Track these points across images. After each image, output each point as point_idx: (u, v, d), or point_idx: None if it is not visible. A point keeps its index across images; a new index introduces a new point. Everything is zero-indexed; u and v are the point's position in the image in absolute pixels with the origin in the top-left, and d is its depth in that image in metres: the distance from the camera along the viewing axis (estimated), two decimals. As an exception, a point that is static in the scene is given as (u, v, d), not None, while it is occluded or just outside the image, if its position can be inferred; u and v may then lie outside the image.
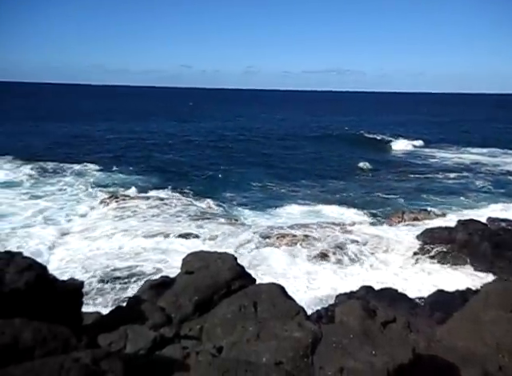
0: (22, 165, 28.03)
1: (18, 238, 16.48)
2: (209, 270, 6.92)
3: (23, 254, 5.75)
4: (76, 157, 33.09)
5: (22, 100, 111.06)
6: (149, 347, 5.18)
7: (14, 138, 40.68)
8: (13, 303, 5.01)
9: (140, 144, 42.13)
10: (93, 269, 14.40)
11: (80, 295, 6.19)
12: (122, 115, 77.08)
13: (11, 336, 4.00)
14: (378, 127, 61.19)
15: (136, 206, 20.51)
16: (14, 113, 67.64)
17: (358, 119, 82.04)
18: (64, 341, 4.17)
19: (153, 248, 16.41)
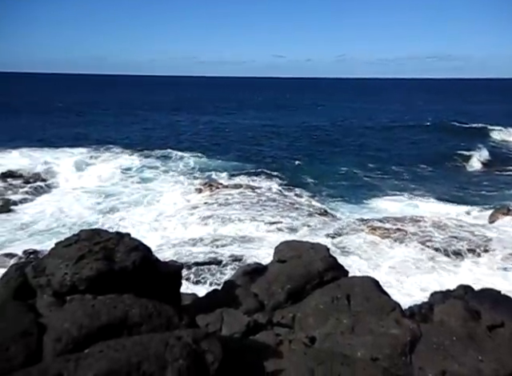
0: (132, 153, 30.16)
1: (119, 217, 18.00)
2: (301, 260, 6.94)
3: (130, 234, 6.22)
4: (176, 145, 34.79)
5: (126, 93, 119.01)
6: (243, 331, 5.34)
7: (119, 129, 43.77)
8: (122, 280, 5.43)
9: (236, 134, 43.07)
10: (185, 253, 15.15)
11: (179, 277, 6.55)
12: (223, 105, 79.59)
13: (122, 311, 4.35)
14: (480, 117, 56.50)
15: (228, 194, 21.14)
16: (112, 106, 72.84)
17: (456, 108, 76.54)
18: (167, 319, 4.44)
19: (243, 235, 16.83)
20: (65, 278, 5.14)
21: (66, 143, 32.96)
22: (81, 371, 3.31)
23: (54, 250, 5.60)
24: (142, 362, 3.45)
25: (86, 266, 5.24)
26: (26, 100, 74.92)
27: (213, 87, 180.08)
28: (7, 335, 3.93)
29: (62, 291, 5.18)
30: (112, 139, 36.37)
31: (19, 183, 21.87)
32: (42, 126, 43.71)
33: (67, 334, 4.02)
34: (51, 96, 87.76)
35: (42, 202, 20.16)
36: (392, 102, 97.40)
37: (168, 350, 3.59)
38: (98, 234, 6.00)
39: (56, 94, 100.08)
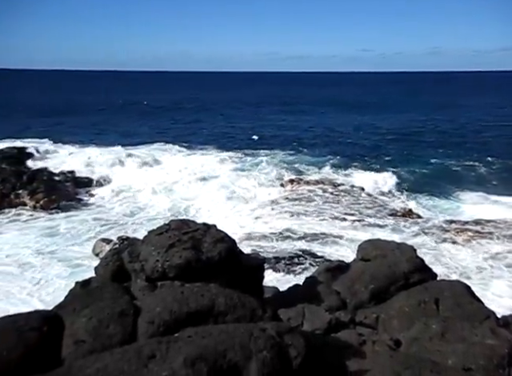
0: (223, 151, 30.84)
1: (206, 209, 18.74)
2: (386, 260, 6.72)
3: (216, 226, 6.44)
4: (264, 141, 35.10)
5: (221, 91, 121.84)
6: (324, 328, 5.31)
7: (216, 128, 44.35)
8: (208, 270, 5.64)
9: (323, 131, 42.35)
10: (265, 247, 15.35)
11: (262, 270, 6.66)
12: (308, 101, 78.91)
13: (209, 299, 4.52)
14: None
15: (310, 190, 21.06)
16: (199, 103, 74.93)
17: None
18: (251, 310, 4.54)
19: (322, 232, 16.67)
20: (156, 264, 5.46)
21: (163, 139, 34.26)
22: (172, 354, 3.48)
23: (147, 238, 5.96)
24: (228, 351, 3.55)
25: (175, 254, 5.52)
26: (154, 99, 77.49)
27: (297, 83, 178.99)
28: (107, 313, 4.26)
29: (154, 277, 5.51)
30: (200, 137, 37.40)
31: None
32: (170, 125, 45.73)
33: (159, 317, 4.26)
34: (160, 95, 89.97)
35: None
36: (491, 96, 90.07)
37: (252, 340, 3.67)
38: (187, 224, 6.28)
39: (165, 92, 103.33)
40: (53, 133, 34.90)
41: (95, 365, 3.37)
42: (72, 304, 4.95)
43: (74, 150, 28.16)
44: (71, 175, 22.55)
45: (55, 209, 18.77)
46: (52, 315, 4.42)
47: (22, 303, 10.65)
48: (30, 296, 11.36)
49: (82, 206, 19.62)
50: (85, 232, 16.37)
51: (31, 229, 16.49)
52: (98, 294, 5.20)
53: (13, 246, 14.81)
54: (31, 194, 19.22)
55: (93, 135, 36.55)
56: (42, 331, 4.01)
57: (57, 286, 11.73)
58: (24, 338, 3.86)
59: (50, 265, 13.23)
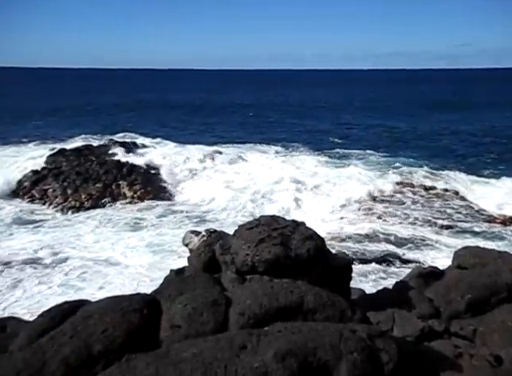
0: (315, 151, 30.59)
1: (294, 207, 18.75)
2: (486, 269, 6.25)
3: (305, 223, 6.44)
4: (356, 144, 34.20)
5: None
6: (416, 336, 5.08)
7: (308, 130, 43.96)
8: (296, 267, 5.66)
9: (421, 132, 40.21)
10: (352, 248, 15.05)
11: (350, 270, 6.53)
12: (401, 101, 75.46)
13: (298, 296, 4.54)
14: None
15: (400, 192, 20.28)
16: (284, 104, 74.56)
17: None
18: (341, 311, 4.48)
19: (415, 236, 15.96)
20: (246, 258, 5.59)
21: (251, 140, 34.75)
22: (262, 346, 3.56)
23: (237, 232, 6.13)
24: (318, 349, 3.55)
25: (265, 249, 5.61)
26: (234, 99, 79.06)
27: (388, 82, 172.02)
28: (201, 302, 4.46)
29: (243, 270, 5.65)
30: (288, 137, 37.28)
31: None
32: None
33: (249, 309, 4.36)
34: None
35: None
36: None
37: (343, 341, 3.62)
38: (276, 220, 6.35)
39: (248, 91, 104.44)
40: (148, 129, 37.18)
41: (191, 349, 3.55)
42: (167, 290, 5.24)
43: (166, 145, 29.81)
44: (164, 169, 23.84)
45: (150, 199, 19.98)
46: (151, 299, 4.73)
47: (122, 288, 11.41)
48: (131, 279, 12.09)
49: (173, 199, 20.63)
50: (176, 223, 17.24)
51: (124, 219, 17.63)
52: (191, 282, 5.45)
53: (112, 233, 16.00)
54: (130, 186, 20.67)
55: (188, 134, 38.01)
56: (142, 313, 4.31)
57: (152, 273, 12.42)
58: (127, 318, 4.18)
59: (144, 252, 14.08)
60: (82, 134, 33.57)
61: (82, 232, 15.67)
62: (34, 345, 3.83)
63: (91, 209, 18.76)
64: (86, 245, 14.35)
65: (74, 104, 61.97)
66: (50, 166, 22.63)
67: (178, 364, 3.32)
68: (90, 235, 15.28)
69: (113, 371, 3.32)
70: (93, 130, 35.68)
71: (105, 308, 4.35)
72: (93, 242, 14.59)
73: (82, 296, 10.50)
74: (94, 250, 13.94)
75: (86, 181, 20.86)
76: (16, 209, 18.12)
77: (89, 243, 14.53)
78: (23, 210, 18.02)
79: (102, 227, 16.40)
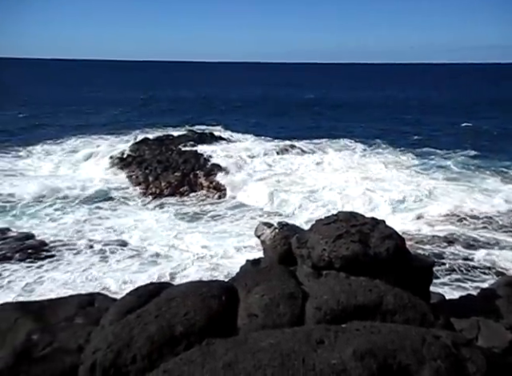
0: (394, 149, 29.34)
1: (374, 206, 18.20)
2: None
3: (385, 222, 6.24)
4: (439, 142, 32.25)
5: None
6: (504, 348, 4.76)
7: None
8: (374, 266, 5.52)
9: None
10: (428, 250, 14.38)
11: (431, 273, 6.26)
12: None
13: (377, 295, 4.43)
14: None
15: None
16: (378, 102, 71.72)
17: None
18: (422, 314, 4.30)
19: (501, 242, 14.91)
20: (323, 253, 5.54)
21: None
22: (340, 343, 3.52)
23: (315, 226, 6.09)
24: (398, 352, 3.44)
25: (342, 245, 5.53)
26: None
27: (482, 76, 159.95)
28: (278, 293, 4.50)
29: (320, 265, 5.61)
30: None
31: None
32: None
33: (326, 305, 4.34)
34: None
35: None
36: None
37: (426, 346, 3.48)
38: (355, 217, 6.23)
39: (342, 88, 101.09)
40: (224, 121, 37.91)
41: (268, 339, 3.59)
42: (244, 279, 5.35)
43: (243, 137, 30.27)
44: (240, 161, 24.28)
45: (225, 190, 20.47)
46: (229, 286, 4.86)
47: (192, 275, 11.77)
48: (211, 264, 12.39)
49: (247, 191, 20.86)
50: (246, 215, 17.43)
51: (198, 208, 18.14)
52: (267, 273, 5.52)
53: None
54: (206, 176, 21.30)
55: (264, 128, 37.95)
56: (221, 299, 4.44)
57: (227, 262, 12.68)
58: (207, 304, 4.33)
59: (217, 242, 14.39)
60: (163, 124, 35.13)
61: (158, 218, 16.37)
62: (122, 321, 4.09)
63: (170, 196, 19.60)
64: (161, 231, 14.92)
65: (155, 96, 64.81)
66: (134, 153, 23.94)
67: (257, 352, 3.38)
68: (166, 223, 15.90)
69: (194, 353, 3.45)
70: (173, 121, 37.18)
71: (186, 292, 4.54)
72: (167, 229, 15.16)
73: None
74: (168, 237, 14.47)
75: (166, 169, 21.81)
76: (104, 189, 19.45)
77: (163, 229, 15.10)
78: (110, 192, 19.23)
79: (177, 215, 17.05)
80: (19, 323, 6.04)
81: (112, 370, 3.64)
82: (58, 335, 5.58)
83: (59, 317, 6.28)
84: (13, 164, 23.27)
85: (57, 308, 6.55)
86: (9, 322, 6.08)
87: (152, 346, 3.77)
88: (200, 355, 3.40)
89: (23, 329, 5.89)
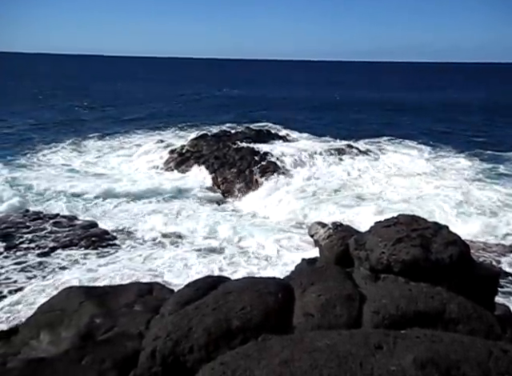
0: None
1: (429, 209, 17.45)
2: None
3: (449, 228, 5.99)
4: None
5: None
6: None
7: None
8: (435, 272, 5.31)
9: None
10: (489, 258, 13.63)
11: (496, 283, 5.94)
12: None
13: (440, 303, 4.26)
14: None
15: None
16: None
17: None
18: (489, 326, 4.10)
19: None
20: (382, 256, 5.41)
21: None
22: (399, 350, 3.42)
23: (373, 228, 5.96)
24: (462, 363, 3.29)
25: (402, 249, 5.37)
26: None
27: None
28: (335, 294, 4.45)
29: (378, 268, 5.48)
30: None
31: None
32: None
33: (385, 309, 4.23)
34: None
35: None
36: None
37: (492, 360, 3.31)
38: (416, 220, 6.03)
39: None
40: (283, 119, 37.86)
41: (324, 340, 3.56)
42: (299, 278, 5.33)
43: (300, 136, 30.15)
44: (296, 160, 24.19)
45: (278, 189, 20.49)
46: (285, 284, 4.87)
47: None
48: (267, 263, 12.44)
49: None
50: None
51: (250, 207, 18.18)
52: (322, 273, 5.47)
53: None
54: (262, 173, 21.42)
55: (323, 128, 37.44)
56: (277, 297, 4.45)
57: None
58: (263, 300, 4.35)
59: (267, 240, 14.30)
60: (222, 120, 35.70)
61: (215, 213, 16.62)
62: (181, 311, 4.22)
63: (225, 192, 19.90)
64: (216, 225, 15.10)
65: (207, 93, 65.86)
66: (193, 149, 24.51)
67: (313, 352, 3.36)
68: (221, 218, 16.04)
69: (250, 348, 3.49)
70: (231, 118, 37.69)
71: (242, 287, 4.60)
72: (223, 223, 15.32)
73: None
74: (224, 231, 14.63)
75: (222, 165, 22.15)
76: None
77: (219, 224, 15.23)
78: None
79: (234, 211, 17.24)
80: (83, 306, 6.39)
81: (171, 358, 3.76)
82: (118, 320, 5.86)
83: (120, 303, 6.57)
84: (78, 159, 24.40)
85: (118, 294, 6.86)
86: (74, 305, 6.45)
87: (209, 338, 3.86)
88: (256, 350, 3.42)
89: (87, 312, 6.23)
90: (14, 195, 16.54)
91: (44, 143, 27.32)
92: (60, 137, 29.39)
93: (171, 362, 3.75)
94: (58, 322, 6.15)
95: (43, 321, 6.07)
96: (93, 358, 4.03)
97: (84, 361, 4.03)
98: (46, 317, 6.20)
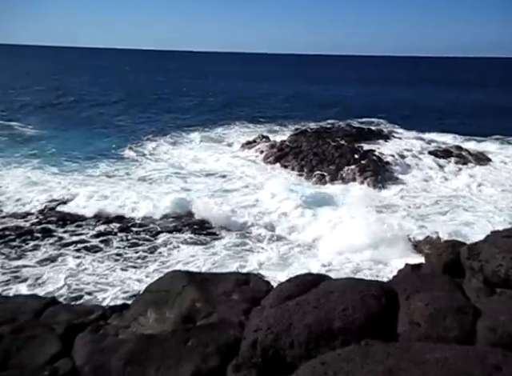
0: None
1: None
2: None
3: None
4: None
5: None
6: None
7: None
8: None
9: None
10: None
11: None
12: None
13: None
14: None
15: None
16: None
17: None
18: None
19: None
20: (499, 269, 4.94)
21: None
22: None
23: (490, 238, 5.47)
24: None
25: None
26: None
27: None
28: (444, 305, 4.16)
29: (493, 281, 5.02)
30: None
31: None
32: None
33: (503, 327, 3.86)
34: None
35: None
36: None
37: None
38: (543, 232, 5.42)
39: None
40: (390, 115, 36.26)
41: (434, 353, 3.34)
42: (404, 284, 5.06)
43: (409, 134, 28.79)
44: (398, 159, 23.14)
45: (380, 188, 19.71)
46: (389, 289, 4.66)
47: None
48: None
49: (400, 193, 19.65)
50: (396, 216, 16.34)
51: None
52: (429, 281, 5.14)
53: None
54: (361, 172, 20.82)
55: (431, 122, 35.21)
56: (381, 301, 4.28)
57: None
58: (366, 302, 4.21)
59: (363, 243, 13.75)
60: (323, 117, 35.32)
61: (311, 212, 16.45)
62: (282, 305, 4.23)
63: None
64: (310, 224, 14.96)
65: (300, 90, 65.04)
66: (292, 144, 24.61)
67: (421, 364, 3.17)
68: (311, 217, 15.82)
69: (353, 351, 3.39)
70: (334, 114, 37.11)
71: (344, 287, 4.49)
72: (315, 222, 15.13)
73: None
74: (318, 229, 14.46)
75: (321, 162, 21.96)
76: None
77: (310, 222, 15.08)
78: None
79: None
80: (186, 290, 6.72)
81: (271, 351, 3.79)
82: (217, 307, 6.07)
83: (218, 290, 6.81)
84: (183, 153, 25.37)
85: (217, 282, 7.11)
86: (178, 288, 6.81)
87: (309, 336, 3.82)
88: (359, 355, 3.32)
89: (189, 295, 6.54)
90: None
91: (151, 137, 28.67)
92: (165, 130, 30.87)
93: (271, 354, 3.78)
94: (163, 301, 6.54)
95: (151, 299, 6.50)
96: (197, 341, 4.21)
97: (190, 342, 4.23)
98: (153, 296, 6.63)
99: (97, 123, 33.16)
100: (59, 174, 19.85)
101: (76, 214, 14.91)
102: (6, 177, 18.74)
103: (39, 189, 17.31)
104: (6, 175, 18.97)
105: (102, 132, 29.99)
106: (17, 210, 15.26)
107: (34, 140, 26.82)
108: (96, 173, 20.33)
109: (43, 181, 18.35)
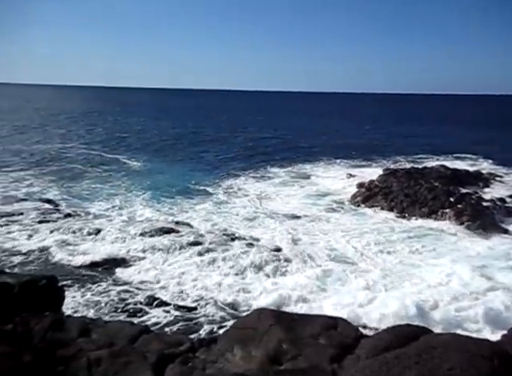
0: None
1: None
2: None
3: None
4: None
5: None
6: None
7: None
8: None
9: None
10: None
11: None
12: None
13: None
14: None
15: None
16: None
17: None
18: None
19: None
20: None
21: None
22: None
23: None
24: None
25: None
26: None
27: None
28: None
29: None
30: None
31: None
32: None
33: None
34: None
35: None
36: None
37: None
38: None
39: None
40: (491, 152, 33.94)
41: None
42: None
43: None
44: (501, 203, 21.38)
45: (478, 234, 18.21)
46: (502, 349, 4.19)
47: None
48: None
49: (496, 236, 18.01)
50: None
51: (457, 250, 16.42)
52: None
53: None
54: (456, 216, 19.46)
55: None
56: (492, 362, 3.85)
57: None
58: (475, 364, 3.82)
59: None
60: (413, 153, 34.15)
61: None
62: (379, 357, 3.97)
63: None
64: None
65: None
66: (382, 184, 23.84)
67: None
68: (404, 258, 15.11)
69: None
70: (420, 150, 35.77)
71: (448, 344, 4.11)
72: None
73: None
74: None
75: (412, 203, 20.95)
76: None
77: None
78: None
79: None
80: (273, 329, 6.62)
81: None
82: (304, 350, 5.88)
83: (305, 332, 6.62)
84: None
85: (304, 324, 6.93)
86: (265, 326, 6.74)
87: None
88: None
89: (275, 335, 6.44)
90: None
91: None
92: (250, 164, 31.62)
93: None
94: (249, 339, 6.49)
95: (237, 336, 6.48)
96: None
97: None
98: (239, 333, 6.61)
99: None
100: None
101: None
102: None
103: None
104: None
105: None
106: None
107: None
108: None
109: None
